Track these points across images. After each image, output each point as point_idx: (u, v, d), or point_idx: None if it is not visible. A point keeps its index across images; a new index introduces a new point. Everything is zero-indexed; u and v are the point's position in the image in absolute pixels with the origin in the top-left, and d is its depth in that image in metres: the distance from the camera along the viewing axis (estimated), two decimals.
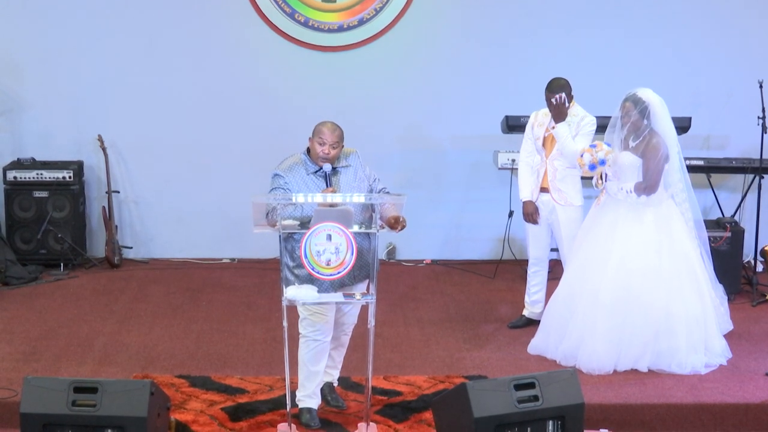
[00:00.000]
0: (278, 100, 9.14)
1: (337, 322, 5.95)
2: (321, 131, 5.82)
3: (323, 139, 5.80)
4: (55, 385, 5.10)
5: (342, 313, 5.95)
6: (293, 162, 5.88)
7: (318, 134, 5.83)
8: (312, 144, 5.85)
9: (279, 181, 5.81)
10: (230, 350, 6.98)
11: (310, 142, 5.87)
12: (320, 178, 5.83)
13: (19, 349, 6.90)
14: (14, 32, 9.00)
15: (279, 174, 5.84)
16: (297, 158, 5.89)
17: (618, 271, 6.55)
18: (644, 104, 6.53)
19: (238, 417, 5.91)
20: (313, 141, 5.85)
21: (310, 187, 5.78)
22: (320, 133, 5.82)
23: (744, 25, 9.12)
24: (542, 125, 7.20)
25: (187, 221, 9.31)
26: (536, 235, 7.36)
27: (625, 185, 6.61)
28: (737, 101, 8.96)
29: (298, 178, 5.82)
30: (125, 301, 8.06)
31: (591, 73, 8.75)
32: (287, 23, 9.07)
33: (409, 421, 5.91)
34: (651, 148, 6.53)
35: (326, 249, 5.44)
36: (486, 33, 9.12)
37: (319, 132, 5.84)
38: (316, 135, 5.84)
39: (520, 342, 7.08)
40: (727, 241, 8.06)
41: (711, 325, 6.70)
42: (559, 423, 5.22)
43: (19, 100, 9.10)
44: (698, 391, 6.26)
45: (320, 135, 5.82)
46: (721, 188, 9.06)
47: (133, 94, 9.11)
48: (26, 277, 8.51)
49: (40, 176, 8.88)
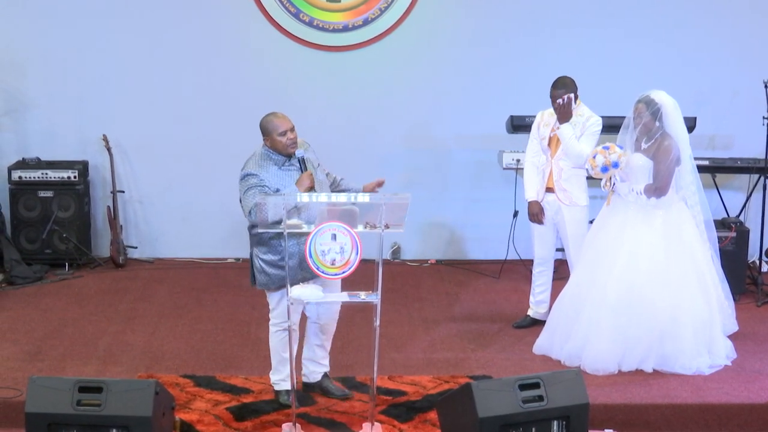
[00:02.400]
0: (283, 99, 9.11)
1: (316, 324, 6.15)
2: (275, 123, 5.89)
3: (283, 128, 5.88)
4: (60, 384, 5.11)
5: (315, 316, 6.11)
6: (259, 160, 5.93)
7: (275, 128, 5.88)
8: (272, 140, 5.90)
9: (253, 180, 5.85)
10: (235, 350, 6.98)
11: (269, 140, 5.92)
12: (292, 169, 5.92)
13: (24, 348, 6.91)
14: (19, 32, 9.01)
15: (252, 173, 5.88)
16: (260, 156, 5.95)
17: (625, 272, 6.54)
18: (656, 106, 6.52)
19: (243, 417, 5.91)
20: (272, 137, 5.90)
21: (285, 180, 5.89)
22: (277, 126, 5.88)
23: (749, 25, 9.12)
24: (548, 125, 7.20)
25: (192, 221, 9.32)
26: (541, 235, 7.35)
27: (636, 186, 6.60)
28: (742, 101, 8.95)
29: (271, 174, 5.89)
30: (130, 301, 8.06)
31: (596, 73, 8.75)
32: (292, 23, 9.07)
33: (413, 421, 5.91)
34: (662, 151, 6.51)
35: (331, 248, 5.45)
36: (491, 32, 9.12)
37: (274, 126, 5.89)
38: (273, 131, 5.88)
39: (524, 342, 7.08)
40: (732, 241, 8.06)
41: (716, 328, 6.69)
42: (564, 423, 5.22)
43: (24, 100, 9.11)
44: (703, 391, 6.25)
45: (277, 127, 5.87)
46: (726, 188, 9.05)
47: (137, 94, 9.12)
48: (31, 277, 8.52)
49: (45, 176, 8.89)
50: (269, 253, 5.91)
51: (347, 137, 9.17)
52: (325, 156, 9.07)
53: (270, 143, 5.93)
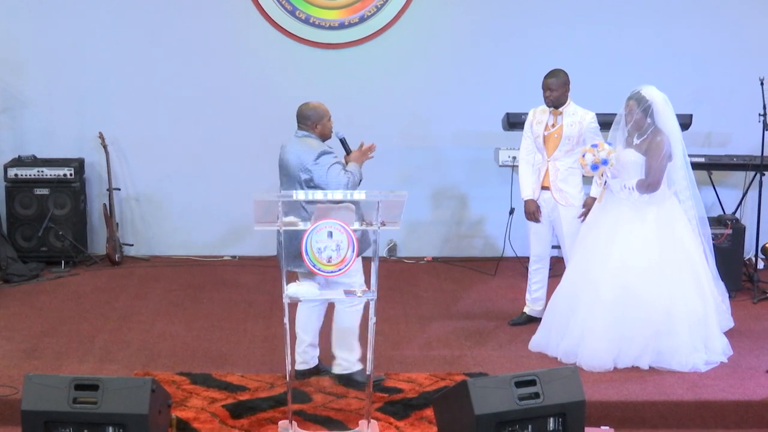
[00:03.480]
0: (279, 97, 9.12)
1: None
2: (324, 109, 6.25)
3: (329, 114, 6.28)
4: (56, 382, 5.10)
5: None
6: (317, 142, 6.18)
7: (325, 114, 6.24)
8: (323, 126, 6.23)
9: (331, 157, 6.09)
10: (231, 347, 6.98)
11: (320, 125, 6.21)
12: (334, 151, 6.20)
13: (20, 346, 6.90)
14: (16, 29, 9.00)
15: (327, 151, 6.10)
16: (315, 140, 6.19)
17: (619, 269, 6.55)
18: (647, 102, 6.53)
19: (239, 414, 5.91)
20: (323, 122, 6.22)
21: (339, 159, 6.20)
22: (326, 112, 6.25)
23: (745, 22, 9.12)
24: (541, 123, 7.21)
25: (188, 219, 9.32)
26: (538, 232, 7.36)
27: (628, 182, 6.61)
28: (738, 98, 8.95)
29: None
30: (126, 299, 8.06)
31: (592, 70, 8.76)
32: (288, 20, 9.07)
33: (410, 419, 5.91)
34: (654, 146, 6.52)
35: (327, 246, 5.45)
36: (487, 30, 9.12)
37: (325, 112, 6.24)
38: (324, 116, 6.22)
39: (521, 339, 7.08)
40: (728, 239, 8.06)
41: (712, 324, 6.70)
42: (560, 420, 5.23)
43: (21, 98, 9.11)
44: (699, 388, 6.26)
45: (327, 113, 6.25)
46: (722, 185, 9.05)
47: (134, 92, 9.11)
48: (27, 275, 8.51)
49: (41, 173, 8.88)
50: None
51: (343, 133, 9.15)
52: None
53: (320, 129, 6.21)
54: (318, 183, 6.02)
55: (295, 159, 6.12)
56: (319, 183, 6.02)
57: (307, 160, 6.05)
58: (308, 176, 6.05)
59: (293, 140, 6.23)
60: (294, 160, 6.12)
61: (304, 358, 6.39)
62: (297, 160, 6.10)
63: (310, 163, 6.04)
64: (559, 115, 7.13)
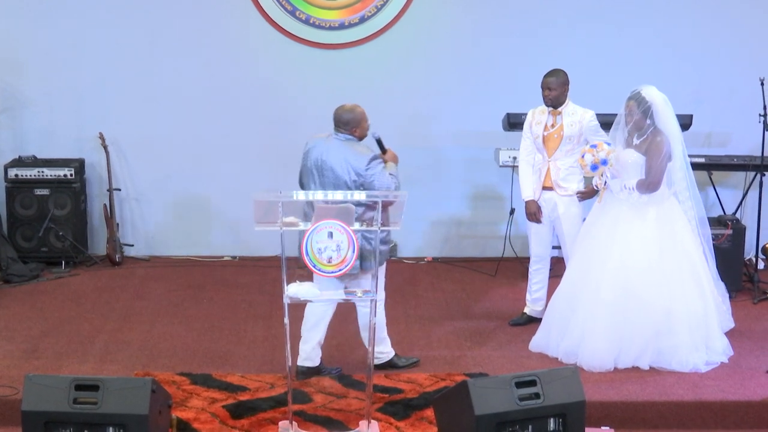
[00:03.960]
0: (279, 97, 9.14)
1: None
2: (363, 112, 6.38)
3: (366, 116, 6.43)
4: (57, 382, 5.11)
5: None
6: (362, 145, 6.33)
7: (365, 117, 6.37)
8: (362, 129, 6.36)
9: (380, 162, 6.25)
10: (231, 348, 6.98)
11: (359, 128, 6.34)
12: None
13: (21, 346, 6.90)
14: (16, 29, 9.00)
15: (376, 155, 6.26)
16: (357, 142, 6.34)
17: (619, 269, 6.55)
18: (647, 103, 6.53)
19: (240, 414, 5.91)
20: (362, 126, 6.36)
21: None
22: (365, 115, 6.38)
23: (745, 22, 9.12)
24: (540, 123, 7.21)
25: (188, 219, 9.32)
26: (538, 233, 7.36)
27: (628, 182, 6.61)
28: (739, 99, 8.95)
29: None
30: (126, 299, 8.06)
31: (592, 70, 8.76)
32: (288, 21, 9.07)
33: (410, 419, 5.91)
34: (654, 146, 6.52)
35: (327, 246, 5.45)
36: (487, 30, 9.12)
37: (364, 115, 6.37)
38: (363, 119, 6.36)
39: (521, 339, 7.08)
40: (729, 239, 8.06)
41: (712, 324, 6.70)
42: (561, 420, 5.23)
43: (21, 98, 9.10)
44: (699, 388, 6.26)
45: (365, 116, 6.39)
46: (723, 186, 9.05)
47: (134, 92, 9.11)
48: (27, 275, 8.51)
49: (41, 174, 8.88)
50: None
51: None
52: None
53: (359, 132, 6.32)
54: (369, 188, 6.14)
55: (343, 163, 6.19)
56: (370, 188, 6.14)
57: (358, 166, 6.16)
58: (361, 180, 6.16)
59: (335, 143, 6.29)
60: (341, 164, 6.19)
61: (310, 356, 6.44)
62: (345, 164, 6.19)
63: (362, 169, 6.16)
64: (558, 115, 7.14)
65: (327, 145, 6.30)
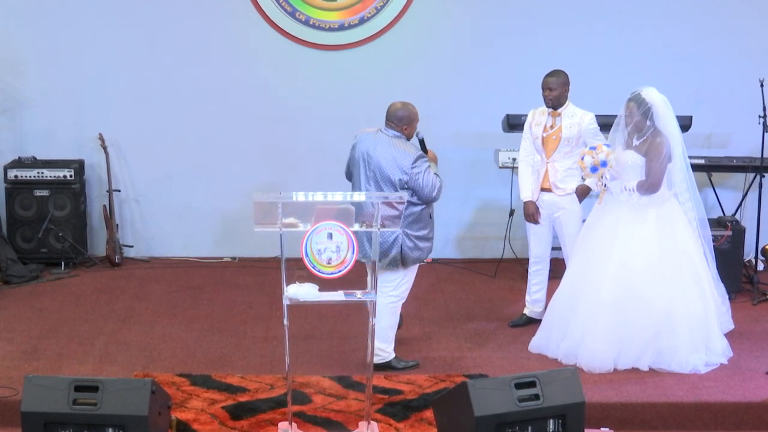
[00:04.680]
0: (279, 98, 9.14)
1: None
2: (416, 112, 6.54)
3: (418, 117, 6.59)
4: (56, 383, 5.11)
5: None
6: (409, 144, 6.48)
7: (416, 117, 6.54)
8: (412, 128, 6.52)
9: (426, 161, 6.42)
10: (231, 349, 6.98)
11: (410, 127, 6.51)
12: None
13: (20, 347, 6.90)
14: (16, 30, 9.00)
15: (421, 155, 6.42)
16: (405, 140, 6.48)
17: (619, 270, 6.56)
18: (647, 105, 6.54)
19: (239, 416, 5.91)
20: (413, 125, 6.51)
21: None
22: (418, 115, 6.55)
23: (745, 23, 9.12)
24: (540, 124, 7.21)
25: (188, 220, 9.31)
26: (537, 233, 7.36)
27: (628, 184, 6.61)
28: (738, 100, 8.95)
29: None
30: (126, 300, 8.06)
31: (592, 72, 8.76)
32: (288, 22, 9.07)
33: (409, 420, 5.91)
34: (654, 148, 6.53)
35: (327, 247, 5.46)
36: (487, 31, 9.12)
37: (416, 115, 6.54)
38: (415, 119, 6.52)
39: (521, 341, 7.08)
40: (728, 240, 8.06)
41: (712, 325, 6.70)
42: (560, 422, 5.23)
43: (21, 99, 9.10)
44: (699, 390, 6.26)
45: (418, 115, 6.55)
46: (722, 187, 9.06)
47: (134, 93, 9.11)
48: (27, 276, 8.51)
49: (41, 175, 8.88)
50: (422, 229, 6.45)
51: (343, 136, 9.13)
52: (322, 153, 9.12)
53: (409, 130, 6.48)
54: (413, 186, 6.35)
55: (390, 160, 6.36)
56: (415, 186, 6.35)
57: (405, 164, 6.32)
58: (406, 178, 6.33)
59: (384, 139, 6.46)
60: (389, 160, 6.37)
61: (384, 357, 6.62)
62: (393, 161, 6.35)
63: (408, 167, 6.32)
64: (558, 116, 7.14)
65: (375, 139, 6.48)
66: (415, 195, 6.38)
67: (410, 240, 6.41)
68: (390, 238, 6.39)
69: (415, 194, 6.37)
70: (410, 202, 6.33)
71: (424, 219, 6.46)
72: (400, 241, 6.39)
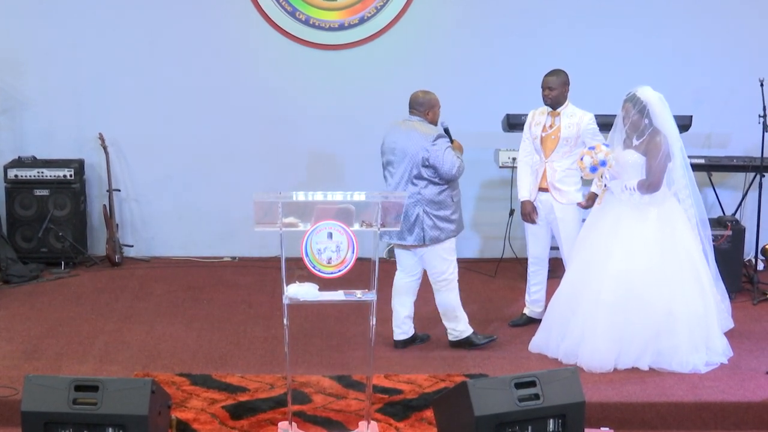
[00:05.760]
0: (279, 98, 9.14)
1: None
2: (437, 98, 6.83)
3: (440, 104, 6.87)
4: (56, 383, 5.10)
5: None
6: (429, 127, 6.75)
7: (438, 102, 6.83)
8: (434, 113, 6.83)
9: (445, 141, 6.70)
10: (231, 348, 6.98)
11: (432, 113, 6.81)
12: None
13: (20, 347, 6.90)
14: (16, 30, 9.00)
15: (442, 135, 6.72)
16: (427, 125, 6.75)
17: (620, 269, 6.55)
18: (642, 103, 6.54)
19: (239, 415, 5.91)
20: (434, 110, 6.82)
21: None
22: (438, 101, 6.84)
23: (745, 23, 9.12)
24: (539, 124, 7.21)
25: (188, 219, 9.32)
26: (535, 234, 7.36)
27: (629, 183, 6.61)
28: (738, 99, 8.95)
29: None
30: (126, 300, 8.06)
31: (592, 72, 8.76)
32: (288, 21, 9.07)
33: (409, 420, 5.91)
34: (653, 146, 6.53)
35: (327, 247, 5.46)
36: (487, 31, 9.12)
37: (437, 101, 6.83)
38: (436, 104, 6.82)
39: (521, 340, 7.08)
40: (728, 240, 8.06)
41: (713, 324, 6.70)
42: (560, 421, 5.23)
43: (21, 98, 9.10)
44: (699, 389, 6.26)
45: (439, 101, 6.84)
46: (722, 186, 9.06)
47: (134, 93, 9.11)
48: (27, 276, 8.51)
49: (41, 174, 8.88)
50: (442, 209, 6.70)
51: (343, 135, 9.17)
52: (321, 154, 9.13)
53: (431, 116, 6.80)
54: (434, 162, 6.62)
55: (413, 141, 6.66)
56: (435, 162, 6.62)
57: (425, 143, 6.62)
58: (427, 155, 6.62)
59: (407, 123, 6.79)
60: (413, 142, 6.66)
61: (403, 329, 6.99)
62: (416, 142, 6.66)
63: (429, 144, 6.61)
64: (557, 116, 7.14)
65: (400, 126, 6.81)
66: (436, 173, 6.63)
67: (430, 218, 6.69)
68: (412, 216, 6.68)
69: (435, 172, 6.62)
70: (431, 181, 6.65)
71: (445, 201, 6.71)
72: (421, 218, 6.67)
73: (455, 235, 6.85)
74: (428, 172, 6.65)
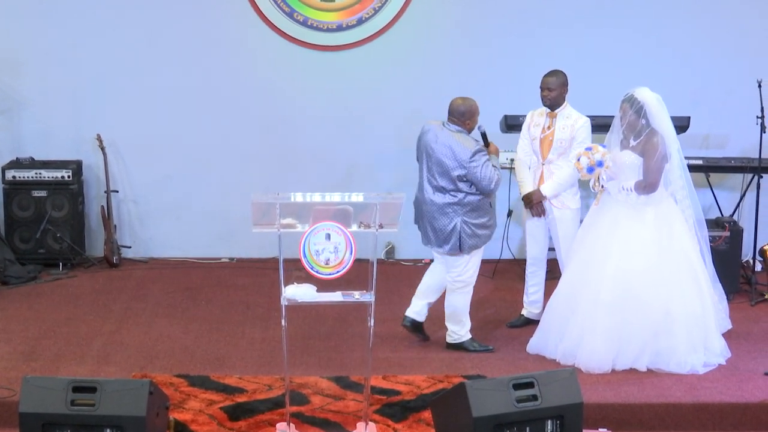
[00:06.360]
0: (277, 99, 9.14)
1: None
2: (477, 106, 6.78)
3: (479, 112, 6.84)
4: (54, 384, 5.10)
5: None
6: (469, 137, 6.73)
7: (477, 110, 6.79)
8: (473, 121, 6.78)
9: (485, 155, 6.68)
10: (229, 349, 6.98)
11: (471, 121, 6.77)
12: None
13: (18, 348, 6.90)
14: (14, 30, 8.99)
15: (481, 149, 6.67)
16: (465, 135, 6.73)
17: (618, 270, 6.56)
18: (639, 104, 6.55)
19: (237, 416, 5.91)
20: (474, 118, 6.77)
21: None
22: (478, 109, 6.79)
23: (743, 24, 9.12)
24: (538, 125, 7.21)
25: (186, 220, 9.31)
26: (534, 234, 7.36)
27: (626, 184, 6.62)
28: (736, 100, 8.96)
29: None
30: (124, 301, 8.05)
31: (589, 72, 8.75)
32: (286, 22, 9.07)
33: (407, 421, 5.91)
34: (651, 146, 6.54)
35: (325, 248, 5.46)
36: (484, 32, 9.12)
37: (477, 109, 6.78)
38: (476, 112, 6.78)
39: (519, 341, 7.08)
40: (726, 241, 8.06)
41: (710, 325, 6.70)
42: (558, 422, 5.23)
43: (19, 99, 9.10)
44: (697, 390, 6.26)
45: (478, 109, 6.80)
46: (720, 187, 9.06)
47: (132, 94, 9.10)
48: (25, 277, 8.50)
49: (38, 175, 8.87)
50: (480, 217, 6.71)
51: (341, 136, 9.17)
52: (320, 154, 9.13)
53: (470, 124, 6.76)
54: (471, 179, 6.63)
55: (449, 153, 6.65)
56: (473, 179, 6.63)
57: (463, 158, 6.60)
58: (464, 172, 6.62)
59: (446, 132, 6.73)
60: (448, 154, 6.65)
61: (420, 312, 7.03)
62: (453, 156, 6.64)
63: (466, 161, 6.59)
64: (554, 117, 7.14)
65: (437, 133, 6.76)
66: (474, 187, 6.65)
67: (468, 227, 6.69)
68: (449, 226, 6.68)
69: (473, 186, 6.64)
70: (469, 192, 6.65)
71: (483, 208, 6.75)
72: (459, 229, 6.68)
73: (489, 239, 6.89)
74: (466, 186, 6.66)
